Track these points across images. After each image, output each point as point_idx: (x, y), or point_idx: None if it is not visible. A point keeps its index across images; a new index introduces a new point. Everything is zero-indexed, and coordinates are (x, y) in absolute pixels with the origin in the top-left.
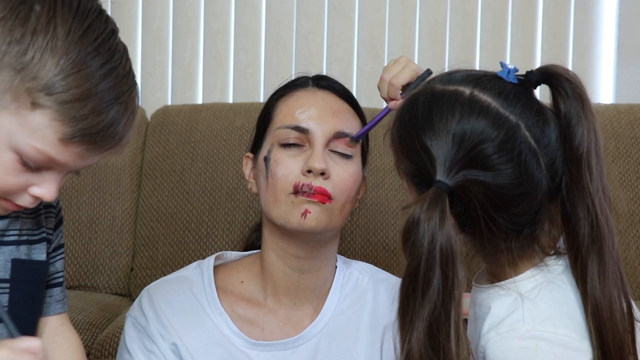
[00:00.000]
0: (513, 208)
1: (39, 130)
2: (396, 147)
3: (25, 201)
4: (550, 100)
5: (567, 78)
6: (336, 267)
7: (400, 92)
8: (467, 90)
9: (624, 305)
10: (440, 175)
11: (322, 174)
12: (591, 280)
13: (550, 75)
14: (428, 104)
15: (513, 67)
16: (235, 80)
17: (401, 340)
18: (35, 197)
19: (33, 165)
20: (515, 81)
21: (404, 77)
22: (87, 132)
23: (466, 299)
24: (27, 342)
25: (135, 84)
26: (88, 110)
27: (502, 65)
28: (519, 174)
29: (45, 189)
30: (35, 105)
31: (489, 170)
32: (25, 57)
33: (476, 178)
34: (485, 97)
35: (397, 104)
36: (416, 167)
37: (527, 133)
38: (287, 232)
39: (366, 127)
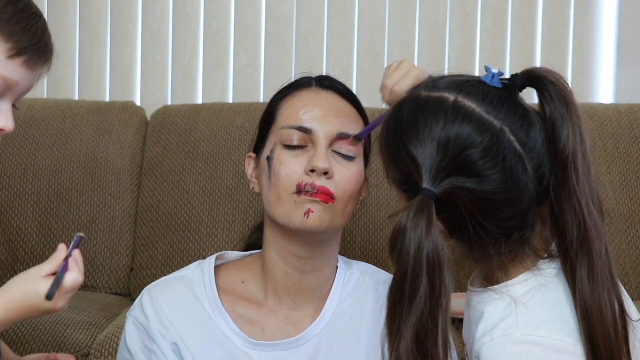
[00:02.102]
0: (500, 213)
1: None
2: (384, 155)
3: None
4: (537, 103)
5: (552, 81)
6: (337, 267)
7: None
8: (451, 97)
9: (616, 307)
10: (426, 183)
11: (326, 173)
12: (580, 282)
13: (534, 78)
14: (413, 112)
15: (497, 71)
16: (235, 80)
17: (389, 347)
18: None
19: None
20: (500, 86)
21: (406, 85)
22: (27, 44)
23: (461, 299)
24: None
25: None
26: (22, 27)
27: (487, 69)
28: (505, 179)
29: (4, 118)
30: None
31: (475, 177)
32: None
33: (462, 185)
34: (469, 103)
35: None
36: (403, 175)
37: (512, 137)
38: (289, 232)
39: (369, 126)
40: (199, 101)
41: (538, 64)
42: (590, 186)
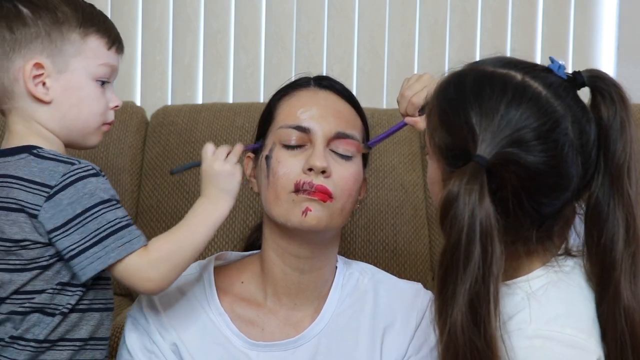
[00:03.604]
0: (543, 197)
1: (96, 50)
2: (435, 118)
3: (112, 116)
4: (589, 103)
5: (615, 84)
6: (336, 267)
7: (419, 111)
8: (518, 75)
9: None
10: (480, 151)
11: (323, 172)
12: (624, 284)
13: (598, 78)
14: (479, 81)
15: (563, 63)
16: (235, 80)
17: (441, 316)
18: (114, 108)
19: (105, 82)
20: (565, 77)
21: (425, 96)
22: (115, 35)
23: None
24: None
25: None
26: (108, 23)
27: (552, 60)
28: (556, 163)
29: (115, 98)
30: (84, 35)
31: (529, 154)
32: (58, 17)
33: (515, 159)
34: (536, 84)
35: (413, 120)
36: (454, 141)
37: (571, 127)
38: (287, 231)
39: (381, 136)
40: (199, 101)
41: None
42: (638, 190)
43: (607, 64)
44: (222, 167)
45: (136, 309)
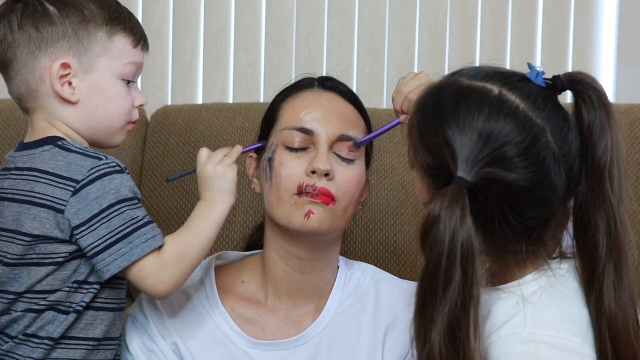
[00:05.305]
0: (529, 211)
1: (122, 48)
2: (415, 137)
3: (136, 115)
4: (572, 107)
5: (595, 87)
6: (338, 267)
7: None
8: (495, 89)
9: (636, 316)
10: (461, 172)
11: (326, 175)
12: (607, 290)
13: (577, 82)
14: (455, 98)
15: (541, 70)
16: (235, 80)
17: (420, 339)
18: (139, 106)
19: (130, 80)
20: (543, 85)
21: None
22: (141, 33)
23: None
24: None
25: None
26: (134, 21)
27: (531, 67)
28: (539, 178)
29: (140, 96)
30: (111, 33)
31: (511, 172)
32: (84, 15)
33: (497, 177)
34: (514, 98)
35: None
36: (435, 160)
37: (551, 139)
38: (289, 233)
39: (372, 135)
40: (199, 101)
41: (538, 64)
42: (621, 195)
43: (607, 64)
44: (213, 170)
45: (136, 308)
